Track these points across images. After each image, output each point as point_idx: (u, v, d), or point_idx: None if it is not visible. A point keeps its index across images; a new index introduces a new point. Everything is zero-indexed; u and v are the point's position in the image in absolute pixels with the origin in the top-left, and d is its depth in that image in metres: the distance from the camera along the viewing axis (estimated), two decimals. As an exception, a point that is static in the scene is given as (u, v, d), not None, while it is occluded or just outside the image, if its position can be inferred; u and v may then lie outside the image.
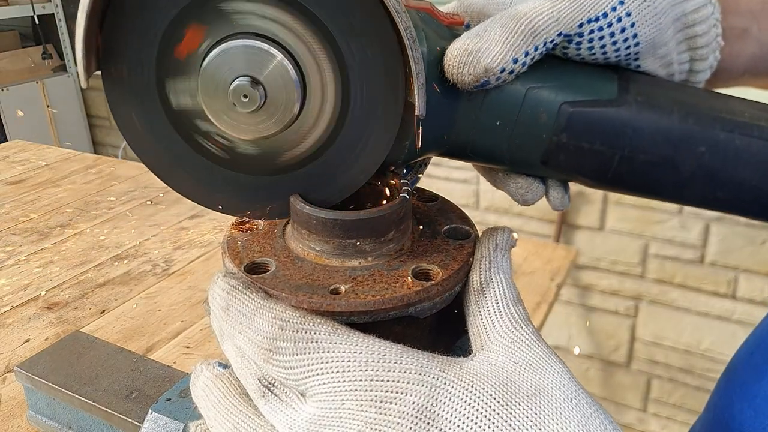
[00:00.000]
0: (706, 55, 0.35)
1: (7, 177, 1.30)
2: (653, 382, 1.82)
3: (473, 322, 0.27)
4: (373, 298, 0.26)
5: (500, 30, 0.30)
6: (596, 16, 0.31)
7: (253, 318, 0.25)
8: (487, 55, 0.29)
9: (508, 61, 0.30)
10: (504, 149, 0.33)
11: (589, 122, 0.32)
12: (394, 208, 0.28)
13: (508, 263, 0.28)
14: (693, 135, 0.32)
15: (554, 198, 0.36)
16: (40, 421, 0.58)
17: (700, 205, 0.35)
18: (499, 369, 0.24)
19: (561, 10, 0.31)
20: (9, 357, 0.72)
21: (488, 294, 0.27)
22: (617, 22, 0.31)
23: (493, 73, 0.30)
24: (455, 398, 0.23)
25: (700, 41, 0.35)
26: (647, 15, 0.32)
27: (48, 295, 0.85)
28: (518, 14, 0.30)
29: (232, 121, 0.27)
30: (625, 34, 0.32)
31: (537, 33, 0.30)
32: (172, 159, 0.29)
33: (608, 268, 1.77)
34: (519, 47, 0.30)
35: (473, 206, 1.89)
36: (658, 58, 0.34)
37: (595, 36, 0.32)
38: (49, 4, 2.64)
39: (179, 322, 0.78)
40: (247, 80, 0.26)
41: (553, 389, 0.23)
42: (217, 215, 1.09)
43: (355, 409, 0.23)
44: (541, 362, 0.25)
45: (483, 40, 0.29)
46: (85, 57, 0.25)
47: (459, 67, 0.29)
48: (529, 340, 0.25)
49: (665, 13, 0.33)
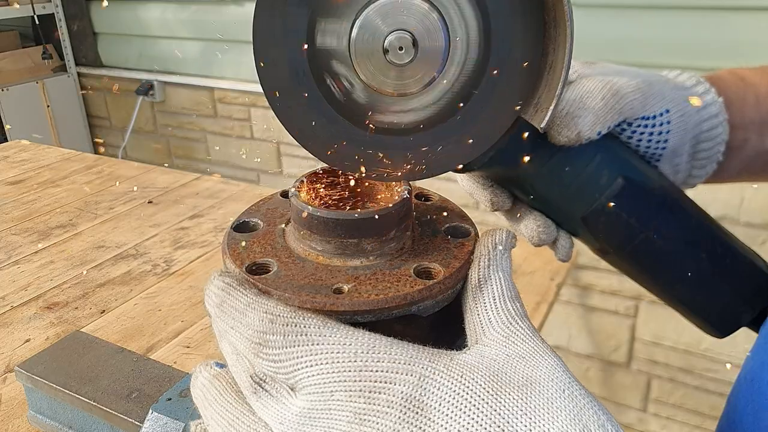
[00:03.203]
0: (705, 165, 0.41)
1: (7, 177, 1.30)
2: (653, 382, 1.82)
3: (470, 318, 0.27)
4: (376, 297, 0.26)
5: (600, 102, 0.35)
6: (650, 115, 0.38)
7: (245, 313, 0.25)
8: (583, 124, 0.34)
9: (595, 133, 0.35)
10: (557, 194, 0.37)
11: (634, 198, 0.37)
12: (395, 208, 0.28)
13: (508, 262, 0.29)
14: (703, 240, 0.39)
15: (562, 247, 0.41)
16: (41, 421, 0.58)
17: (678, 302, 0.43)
18: (490, 360, 0.24)
19: (635, 101, 0.37)
20: (9, 357, 0.72)
21: (486, 291, 0.27)
22: (659, 125, 0.38)
23: (582, 139, 0.35)
24: (444, 388, 0.23)
25: (703, 155, 0.41)
26: (680, 128, 0.39)
27: (48, 295, 0.85)
28: (616, 91, 0.36)
29: (376, 71, 0.28)
30: (660, 137, 0.39)
31: (621, 114, 0.36)
32: (293, 86, 0.29)
33: (608, 268, 1.76)
34: (606, 122, 0.36)
35: (473, 206, 1.89)
36: (673, 165, 0.40)
37: (638, 130, 0.38)
38: (49, 4, 2.64)
39: (179, 322, 0.78)
40: (408, 36, 0.27)
41: (545, 380, 0.23)
42: (217, 215, 1.09)
43: (344, 400, 0.23)
44: (535, 355, 0.25)
45: (583, 108, 0.35)
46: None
47: (559, 127, 0.34)
48: (523, 334, 0.26)
49: (690, 131, 0.40)
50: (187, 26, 2.34)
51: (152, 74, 2.50)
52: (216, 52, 2.30)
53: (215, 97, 2.37)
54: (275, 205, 0.34)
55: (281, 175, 2.34)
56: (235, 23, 2.20)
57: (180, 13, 2.35)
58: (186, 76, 2.42)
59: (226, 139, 2.42)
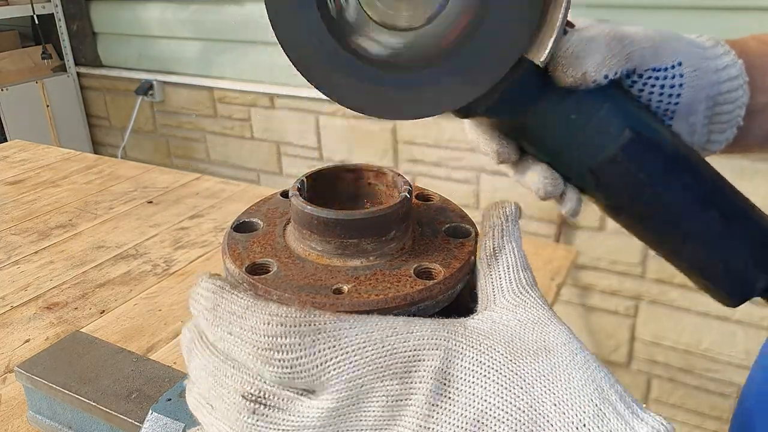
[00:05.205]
0: (725, 129, 0.41)
1: (7, 177, 1.30)
2: (653, 382, 1.82)
3: (483, 285, 0.28)
4: (376, 297, 0.26)
5: (605, 47, 0.35)
6: (661, 66, 0.37)
7: (244, 317, 0.24)
8: (589, 63, 0.34)
9: (601, 76, 0.34)
10: (564, 144, 0.37)
11: (643, 151, 0.36)
12: (396, 207, 0.28)
13: (518, 232, 0.30)
14: (715, 199, 0.39)
15: (569, 200, 0.40)
16: (40, 422, 0.58)
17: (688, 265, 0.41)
18: (503, 326, 0.25)
19: (645, 49, 0.36)
20: (9, 357, 0.72)
21: (500, 259, 0.28)
22: (671, 78, 0.37)
23: (589, 81, 0.34)
24: (466, 358, 0.24)
25: (723, 118, 0.40)
26: (693, 83, 0.38)
27: (48, 296, 0.85)
28: (623, 36, 0.36)
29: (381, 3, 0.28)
30: (673, 90, 0.38)
31: (629, 60, 0.36)
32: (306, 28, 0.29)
33: (608, 268, 1.76)
34: (613, 66, 0.35)
35: (473, 206, 1.89)
36: (688, 124, 0.39)
37: (650, 82, 0.37)
38: (49, 4, 2.64)
39: (179, 322, 0.78)
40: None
41: (557, 345, 0.24)
42: (217, 215, 1.09)
43: (378, 387, 0.23)
44: (546, 321, 0.26)
45: (589, 50, 0.34)
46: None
47: (564, 67, 0.34)
48: (533, 302, 0.27)
49: (705, 89, 0.39)
50: (186, 26, 2.34)
51: (152, 74, 2.50)
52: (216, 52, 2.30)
53: (215, 97, 2.37)
54: (275, 205, 0.34)
55: (281, 175, 2.34)
56: (234, 23, 2.20)
57: (180, 13, 2.35)
58: (186, 75, 2.42)
59: (226, 139, 2.42)
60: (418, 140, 1.94)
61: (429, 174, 1.95)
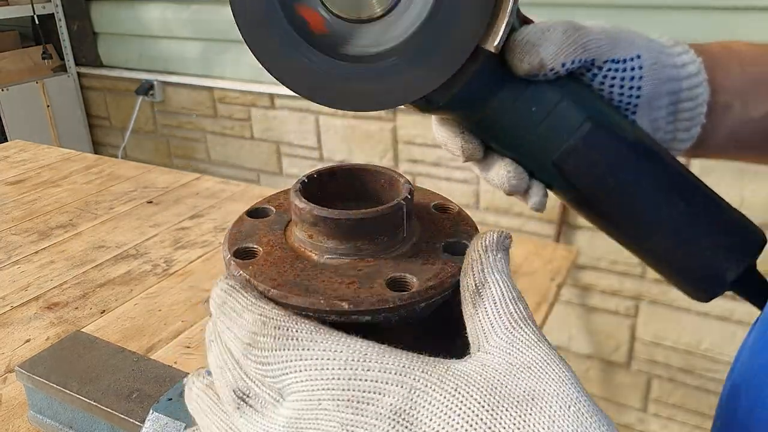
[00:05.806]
0: (689, 126, 0.41)
1: (7, 177, 1.30)
2: (653, 382, 1.82)
3: (471, 326, 0.25)
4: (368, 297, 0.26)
5: (562, 35, 0.35)
6: (620, 58, 0.37)
7: (241, 314, 0.25)
8: (545, 51, 0.34)
9: (558, 63, 0.35)
10: (526, 136, 0.37)
11: (604, 142, 0.37)
12: (394, 209, 0.29)
13: (503, 263, 0.27)
14: (680, 188, 0.39)
15: (535, 194, 0.40)
16: (41, 421, 0.58)
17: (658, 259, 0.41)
18: (491, 371, 0.23)
19: (601, 41, 0.37)
20: (9, 357, 0.72)
21: (485, 295, 0.25)
22: (630, 70, 0.38)
23: (546, 69, 0.34)
24: (435, 401, 0.21)
25: (686, 115, 0.40)
26: (653, 76, 0.38)
27: (48, 295, 0.85)
28: (579, 27, 0.36)
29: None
30: (633, 82, 0.38)
31: (585, 50, 0.36)
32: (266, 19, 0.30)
33: (608, 268, 1.77)
34: (570, 55, 0.35)
35: (473, 206, 1.89)
36: (651, 119, 0.40)
37: (609, 74, 0.37)
38: (49, 4, 2.64)
39: (180, 322, 0.79)
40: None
41: (549, 394, 0.22)
42: (217, 215, 1.09)
43: (332, 409, 0.22)
44: (541, 364, 0.23)
45: (545, 38, 0.34)
46: None
47: (521, 54, 0.34)
48: (528, 340, 0.24)
49: (666, 83, 0.39)
50: (187, 26, 2.34)
51: (152, 74, 2.50)
52: (216, 52, 2.30)
53: (215, 97, 2.38)
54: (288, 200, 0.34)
55: (281, 175, 2.34)
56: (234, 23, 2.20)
57: (180, 13, 2.35)
58: (186, 76, 2.42)
59: (226, 139, 2.42)
60: (418, 140, 1.94)
61: (429, 174, 1.95)
